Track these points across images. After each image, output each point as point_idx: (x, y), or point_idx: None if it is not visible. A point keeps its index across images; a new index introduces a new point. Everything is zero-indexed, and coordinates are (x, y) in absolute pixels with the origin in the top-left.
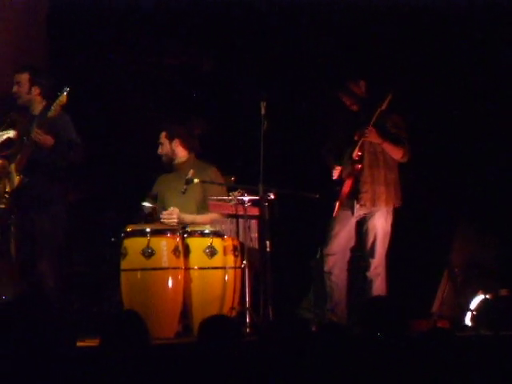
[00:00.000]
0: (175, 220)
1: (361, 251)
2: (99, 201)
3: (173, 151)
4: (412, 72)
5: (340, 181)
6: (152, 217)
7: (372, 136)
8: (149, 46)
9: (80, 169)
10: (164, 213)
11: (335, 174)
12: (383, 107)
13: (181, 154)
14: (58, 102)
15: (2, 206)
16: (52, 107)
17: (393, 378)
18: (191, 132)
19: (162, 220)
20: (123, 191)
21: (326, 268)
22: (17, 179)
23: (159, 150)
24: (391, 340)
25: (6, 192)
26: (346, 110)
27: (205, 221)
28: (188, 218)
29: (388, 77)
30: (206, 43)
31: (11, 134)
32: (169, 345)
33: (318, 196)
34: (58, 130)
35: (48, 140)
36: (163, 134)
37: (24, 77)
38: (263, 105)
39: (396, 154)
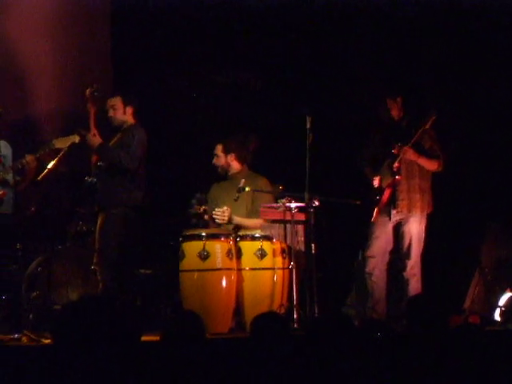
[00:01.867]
0: (226, 219)
1: (398, 253)
2: (160, 207)
3: (228, 164)
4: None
5: (379, 189)
6: (202, 218)
7: (409, 154)
8: (206, 66)
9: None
10: (217, 210)
11: (375, 183)
12: (426, 127)
13: (235, 166)
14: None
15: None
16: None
17: (428, 368)
18: (246, 147)
19: (213, 216)
20: (180, 198)
21: (367, 269)
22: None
23: (214, 161)
24: (431, 334)
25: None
26: (384, 123)
27: (251, 225)
28: (237, 219)
29: (426, 94)
30: (256, 64)
31: (76, 139)
32: (223, 339)
33: (358, 202)
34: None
35: (93, 141)
36: (220, 148)
37: (117, 100)
38: (308, 119)
39: (431, 166)
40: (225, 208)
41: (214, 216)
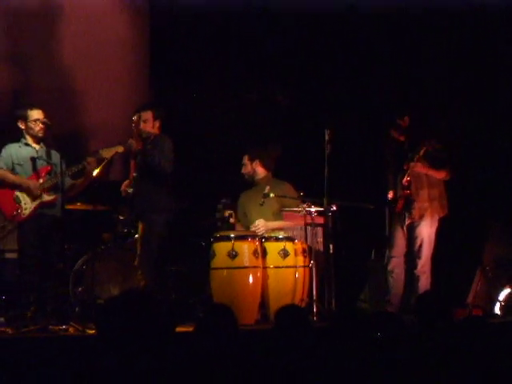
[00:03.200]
0: (263, 229)
1: (410, 253)
2: (192, 211)
3: (253, 170)
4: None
5: (394, 200)
6: (228, 221)
7: (418, 168)
8: (238, 84)
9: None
10: (252, 226)
11: (390, 196)
12: (429, 148)
13: (260, 172)
14: (113, 149)
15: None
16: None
17: (437, 356)
18: (270, 154)
19: (253, 229)
20: (211, 203)
21: (389, 267)
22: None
23: (242, 170)
24: (438, 326)
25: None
26: (394, 140)
27: (282, 225)
28: (272, 224)
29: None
30: (283, 82)
31: (120, 149)
32: (250, 330)
33: (372, 207)
34: (157, 148)
35: (135, 144)
36: (246, 157)
37: (149, 114)
38: (327, 132)
39: (439, 176)
40: (257, 222)
41: (253, 229)
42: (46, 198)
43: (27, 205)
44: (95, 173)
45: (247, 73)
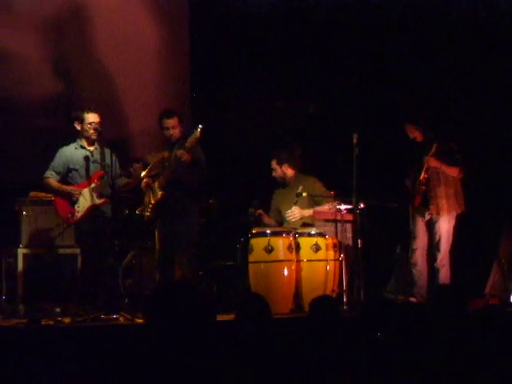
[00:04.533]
0: (298, 215)
1: (430, 247)
2: (232, 209)
3: (284, 173)
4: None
5: (412, 196)
6: (259, 219)
7: (432, 162)
8: (271, 93)
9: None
10: (288, 212)
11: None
12: (441, 145)
13: (289, 173)
14: (193, 136)
15: (147, 214)
16: (188, 140)
17: (456, 343)
18: (294, 154)
19: (287, 217)
20: (246, 202)
21: (412, 260)
22: (159, 194)
23: (273, 174)
24: (455, 316)
25: (151, 203)
26: (412, 141)
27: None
28: (305, 212)
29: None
30: (311, 90)
31: (166, 155)
32: (285, 319)
33: (396, 205)
34: (193, 157)
35: (186, 156)
36: (274, 162)
37: (175, 120)
38: (355, 136)
39: (452, 172)
40: (294, 208)
41: (287, 217)
42: (97, 201)
43: (80, 208)
44: (142, 174)
45: (276, 80)
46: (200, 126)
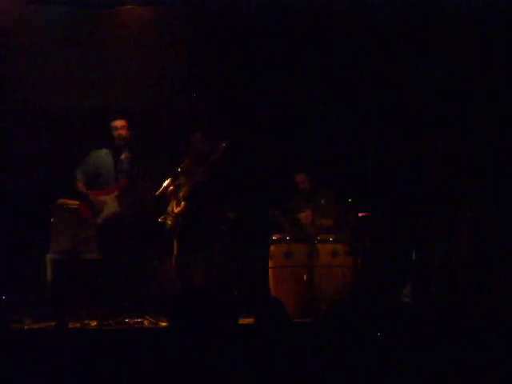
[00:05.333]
0: (310, 219)
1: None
2: (249, 217)
3: (310, 186)
4: None
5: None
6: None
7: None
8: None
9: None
10: (302, 213)
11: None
12: None
13: (312, 186)
14: (217, 153)
15: (169, 222)
16: (211, 157)
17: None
18: (318, 170)
19: (300, 218)
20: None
21: (429, 264)
22: (182, 204)
23: (301, 186)
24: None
25: (174, 212)
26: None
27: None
28: (323, 221)
29: None
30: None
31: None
32: (303, 322)
33: (410, 214)
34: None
35: (202, 177)
36: (303, 176)
37: (199, 137)
38: (370, 146)
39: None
40: (308, 211)
41: (300, 218)
42: (120, 208)
43: (103, 213)
44: (165, 183)
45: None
46: (223, 143)
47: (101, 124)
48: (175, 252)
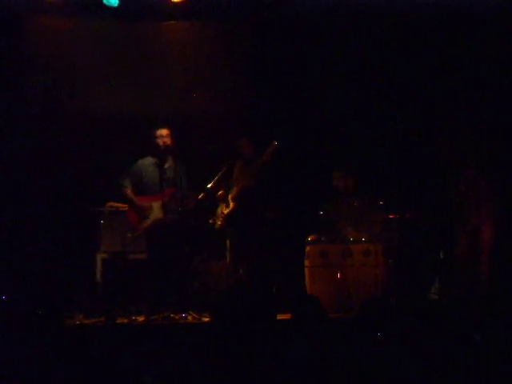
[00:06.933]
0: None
1: (472, 252)
2: (287, 218)
3: (347, 185)
4: None
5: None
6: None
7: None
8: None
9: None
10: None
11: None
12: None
13: (350, 186)
14: (267, 152)
15: (219, 223)
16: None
17: None
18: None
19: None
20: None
21: (454, 264)
22: (232, 205)
23: (336, 183)
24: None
25: (223, 213)
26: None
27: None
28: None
29: None
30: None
31: (274, 145)
32: (338, 318)
33: (437, 214)
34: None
35: (252, 182)
36: (341, 173)
37: (246, 142)
38: (401, 153)
39: (482, 182)
40: (348, 229)
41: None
42: (165, 216)
43: (148, 219)
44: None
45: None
46: (275, 142)
47: (145, 133)
48: (228, 251)
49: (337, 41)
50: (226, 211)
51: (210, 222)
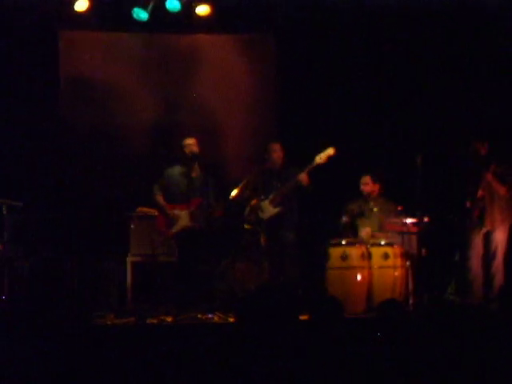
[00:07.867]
0: (370, 235)
1: (486, 255)
2: (313, 222)
3: (373, 190)
4: None
5: (470, 209)
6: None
7: (488, 177)
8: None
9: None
10: (363, 231)
11: (467, 205)
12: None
13: (376, 191)
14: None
15: (258, 229)
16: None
17: None
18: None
19: (361, 235)
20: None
21: (468, 266)
22: (271, 210)
23: (363, 187)
24: None
25: (261, 219)
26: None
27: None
28: (376, 234)
29: None
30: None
31: (331, 151)
32: (358, 318)
33: (455, 218)
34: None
35: (306, 180)
36: (368, 178)
37: (279, 146)
38: (419, 158)
39: (501, 191)
40: (367, 228)
41: (361, 235)
42: (192, 224)
43: (176, 226)
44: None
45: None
46: (333, 148)
47: (174, 142)
48: (269, 257)
49: (363, 47)
50: (265, 217)
51: (246, 227)
